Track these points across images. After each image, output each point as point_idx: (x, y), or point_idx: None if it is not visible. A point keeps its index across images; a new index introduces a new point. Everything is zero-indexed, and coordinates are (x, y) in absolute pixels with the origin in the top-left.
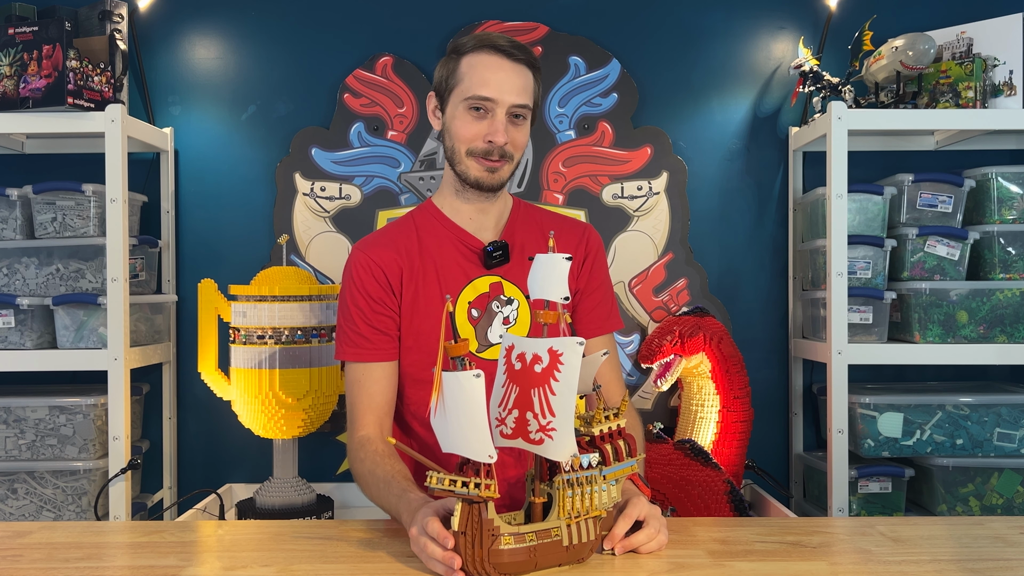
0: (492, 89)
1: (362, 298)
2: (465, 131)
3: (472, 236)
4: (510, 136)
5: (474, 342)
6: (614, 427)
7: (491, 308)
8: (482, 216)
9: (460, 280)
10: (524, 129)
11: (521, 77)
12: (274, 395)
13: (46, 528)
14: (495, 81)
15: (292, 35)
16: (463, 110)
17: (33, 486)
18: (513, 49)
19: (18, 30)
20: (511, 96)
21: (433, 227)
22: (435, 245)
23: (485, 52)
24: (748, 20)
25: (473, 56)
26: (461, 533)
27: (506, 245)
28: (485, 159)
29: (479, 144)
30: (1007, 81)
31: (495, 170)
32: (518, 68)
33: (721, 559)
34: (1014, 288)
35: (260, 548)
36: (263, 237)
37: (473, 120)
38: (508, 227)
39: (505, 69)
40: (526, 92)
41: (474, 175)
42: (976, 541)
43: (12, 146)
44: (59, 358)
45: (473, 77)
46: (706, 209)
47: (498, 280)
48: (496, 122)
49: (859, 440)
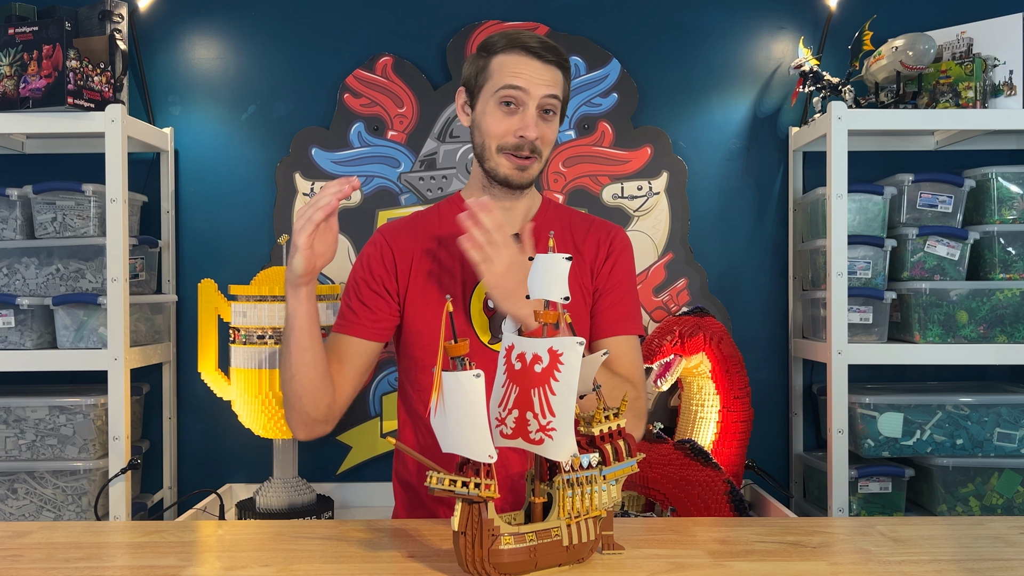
0: (524, 80)
1: (363, 274)
2: (496, 127)
3: None
4: (540, 132)
5: (486, 333)
6: (614, 427)
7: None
8: (508, 213)
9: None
10: (554, 125)
11: (550, 73)
12: (274, 395)
13: (46, 528)
14: (527, 75)
15: (292, 35)
16: (494, 105)
17: (33, 486)
18: (544, 51)
19: (18, 30)
20: (542, 88)
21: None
22: (457, 236)
23: (516, 52)
24: (748, 20)
25: (505, 55)
26: (461, 533)
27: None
28: (515, 156)
29: (510, 139)
30: (1007, 81)
31: (525, 168)
32: (548, 67)
33: (721, 559)
34: (1014, 288)
35: (260, 548)
36: (263, 237)
37: (504, 116)
38: (535, 223)
39: (535, 66)
40: (556, 85)
41: (503, 172)
42: (976, 541)
43: (12, 146)
44: (59, 358)
45: (504, 72)
46: (706, 209)
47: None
48: (527, 116)
49: (859, 440)
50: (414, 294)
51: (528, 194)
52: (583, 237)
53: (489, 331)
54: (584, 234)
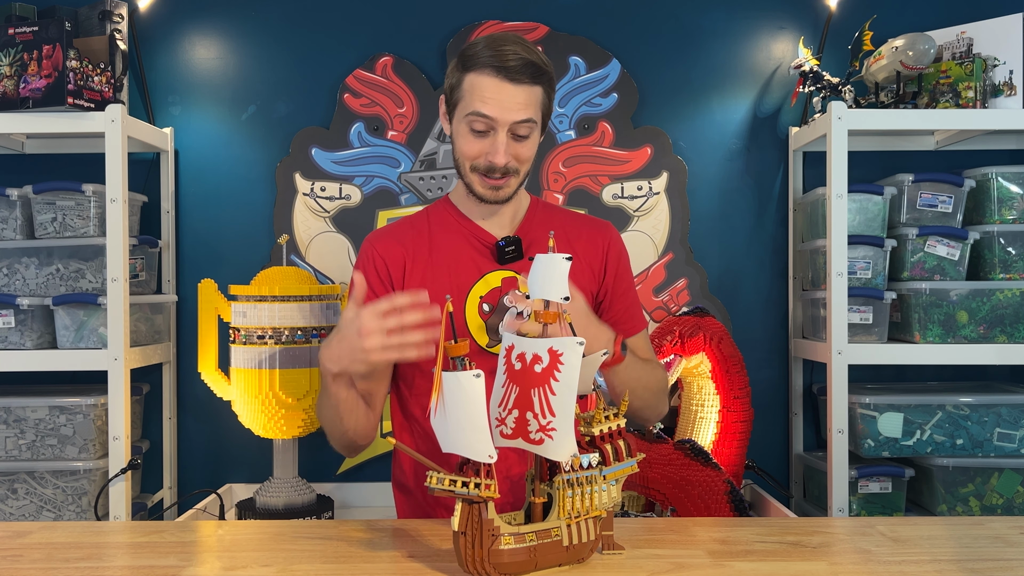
0: (492, 107)
1: (367, 291)
2: (467, 148)
3: (485, 231)
4: (513, 152)
5: (484, 337)
6: (614, 427)
7: (503, 303)
8: (495, 216)
9: (472, 274)
10: (529, 143)
11: (524, 94)
12: (274, 395)
13: (46, 528)
14: (495, 101)
15: (292, 35)
16: (465, 127)
17: (33, 486)
18: (519, 72)
19: (18, 30)
20: (511, 114)
21: (446, 222)
22: (447, 239)
23: (489, 73)
24: (748, 20)
25: (476, 75)
26: (461, 533)
27: (519, 240)
28: (488, 177)
29: (481, 162)
30: (1007, 81)
31: (498, 187)
32: (520, 88)
33: (721, 559)
34: (1014, 288)
35: (260, 548)
36: (263, 237)
37: (474, 139)
38: (523, 225)
39: (507, 91)
40: (530, 107)
41: (478, 190)
42: (976, 541)
43: (12, 146)
44: (59, 358)
45: (474, 95)
46: (706, 209)
47: (512, 275)
48: (496, 143)
49: (859, 440)
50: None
51: (514, 197)
52: (576, 236)
53: (487, 335)
54: (577, 234)
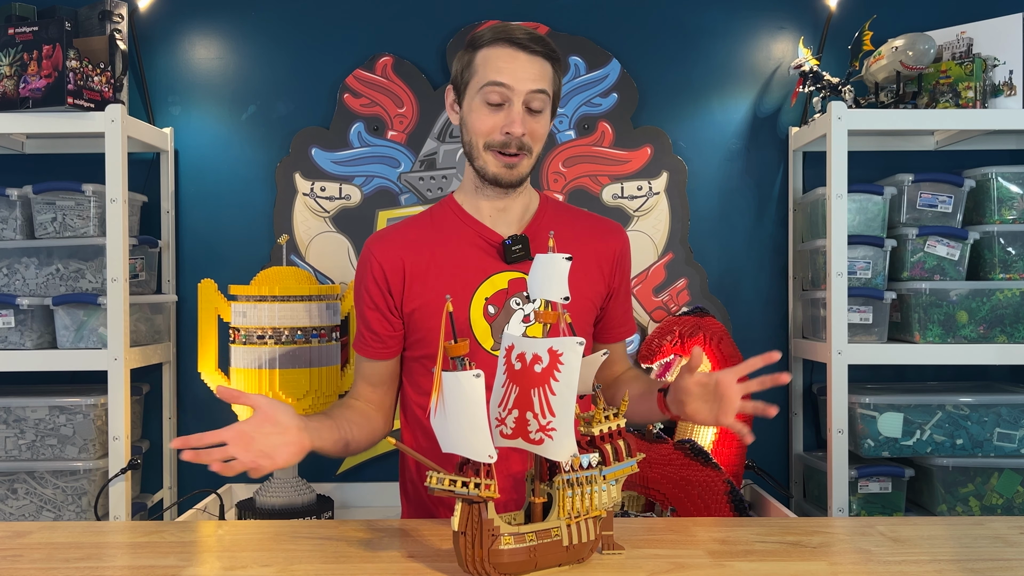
0: (507, 75)
1: (364, 297)
2: (481, 124)
3: (492, 230)
4: (528, 127)
5: (489, 339)
6: (614, 427)
7: (509, 305)
8: (503, 213)
9: (477, 275)
10: (542, 120)
11: (537, 65)
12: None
13: (46, 528)
14: (510, 69)
15: (292, 35)
16: (479, 102)
17: (33, 486)
18: (530, 42)
19: (18, 30)
20: (527, 83)
21: (451, 221)
22: (452, 240)
23: (500, 45)
24: (748, 20)
25: (489, 49)
26: (461, 533)
27: (526, 239)
28: (503, 154)
29: (496, 136)
30: (1007, 81)
31: (513, 165)
32: (534, 59)
33: (721, 559)
34: (1014, 288)
35: (260, 548)
36: (263, 237)
37: (489, 112)
38: (533, 223)
39: (520, 59)
40: (543, 79)
41: (492, 171)
42: (976, 541)
43: (12, 146)
44: (59, 358)
45: (488, 66)
46: (706, 209)
47: (520, 276)
48: (513, 112)
49: (859, 440)
50: (411, 303)
51: (524, 192)
52: (588, 237)
53: (492, 337)
54: (590, 234)
